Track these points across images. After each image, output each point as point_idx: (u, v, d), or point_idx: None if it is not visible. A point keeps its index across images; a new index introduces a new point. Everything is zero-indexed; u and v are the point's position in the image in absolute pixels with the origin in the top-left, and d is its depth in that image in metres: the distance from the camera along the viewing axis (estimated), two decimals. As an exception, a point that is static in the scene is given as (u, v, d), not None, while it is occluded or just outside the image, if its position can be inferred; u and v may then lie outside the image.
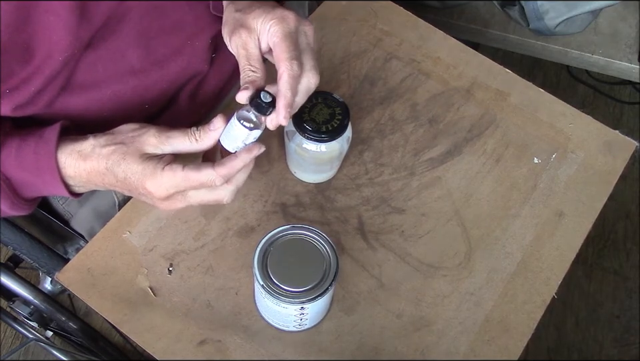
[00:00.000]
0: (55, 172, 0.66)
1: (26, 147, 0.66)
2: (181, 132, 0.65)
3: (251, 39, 0.66)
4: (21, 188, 0.68)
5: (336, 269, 0.65)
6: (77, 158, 0.66)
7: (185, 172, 0.63)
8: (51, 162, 0.66)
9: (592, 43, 1.36)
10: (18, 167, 0.66)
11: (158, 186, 0.64)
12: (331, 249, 0.66)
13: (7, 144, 0.66)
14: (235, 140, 0.65)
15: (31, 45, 0.62)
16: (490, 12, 1.39)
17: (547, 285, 0.76)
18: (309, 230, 0.66)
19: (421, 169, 0.83)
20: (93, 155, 0.66)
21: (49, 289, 1.20)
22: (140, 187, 0.65)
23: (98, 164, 0.66)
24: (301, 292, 0.64)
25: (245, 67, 0.66)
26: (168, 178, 0.63)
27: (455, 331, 0.73)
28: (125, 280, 0.74)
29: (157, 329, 0.72)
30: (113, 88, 0.72)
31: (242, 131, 0.64)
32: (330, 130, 0.72)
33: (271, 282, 0.64)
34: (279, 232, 0.66)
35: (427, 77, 0.89)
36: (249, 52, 0.66)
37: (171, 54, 0.75)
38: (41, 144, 0.66)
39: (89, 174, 0.67)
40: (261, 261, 0.65)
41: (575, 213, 0.81)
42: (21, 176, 0.67)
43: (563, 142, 0.86)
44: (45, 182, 0.67)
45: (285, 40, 0.65)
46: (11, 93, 0.65)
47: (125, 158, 0.64)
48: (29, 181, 0.67)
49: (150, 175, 0.64)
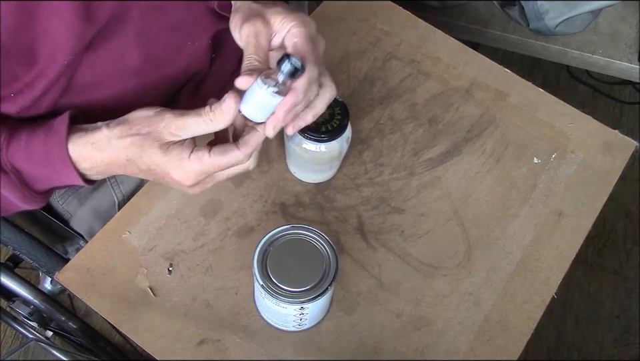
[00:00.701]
0: (66, 161, 0.65)
1: (35, 139, 0.65)
2: (196, 115, 0.63)
3: (264, 31, 0.66)
4: (32, 181, 0.67)
5: (335, 269, 0.65)
6: (91, 149, 0.65)
7: (212, 159, 0.63)
8: (62, 152, 0.65)
9: (592, 43, 1.36)
10: (28, 159, 0.65)
11: (186, 175, 0.64)
12: (331, 249, 0.66)
13: (15, 137, 0.65)
14: (257, 108, 0.63)
15: (34, 49, 0.62)
16: (490, 12, 1.39)
17: (546, 285, 0.76)
18: (309, 230, 0.67)
19: (421, 169, 0.83)
20: (110, 147, 0.65)
21: (49, 289, 1.20)
22: (166, 177, 0.65)
23: (117, 156, 0.65)
24: (300, 292, 0.64)
25: (252, 56, 0.65)
26: (196, 166, 0.63)
27: (455, 331, 0.73)
28: (124, 280, 0.74)
29: (157, 329, 0.72)
30: (113, 88, 0.72)
31: (263, 98, 0.62)
32: (329, 130, 0.72)
33: (270, 282, 0.64)
34: (279, 232, 0.66)
35: (426, 77, 0.89)
36: (258, 42, 0.65)
37: (171, 55, 0.75)
38: (50, 135, 0.65)
39: (107, 165, 0.66)
40: (261, 261, 0.65)
41: (574, 213, 0.81)
42: (31, 169, 0.66)
43: (563, 142, 0.86)
44: (56, 171, 0.66)
45: (307, 43, 0.64)
46: (15, 97, 0.65)
47: (144, 150, 0.64)
48: (40, 173, 0.67)
49: (176, 166, 0.63)
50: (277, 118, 0.63)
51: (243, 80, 0.62)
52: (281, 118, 0.63)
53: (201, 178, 0.65)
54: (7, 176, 0.65)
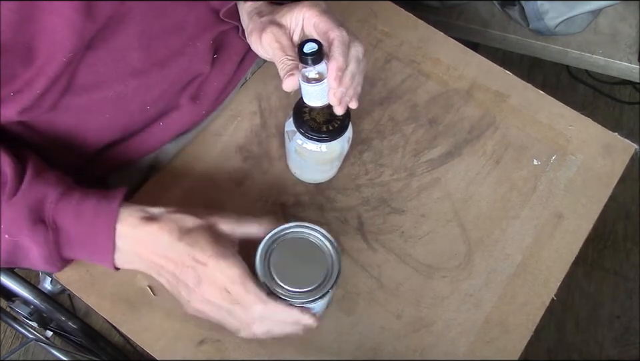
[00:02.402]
0: (111, 226, 0.64)
1: (87, 201, 0.65)
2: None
3: (282, 32, 0.70)
4: (65, 243, 0.65)
5: (338, 270, 0.64)
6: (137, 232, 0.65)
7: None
8: (110, 216, 0.65)
9: (592, 43, 1.36)
10: (74, 219, 0.64)
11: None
12: (334, 248, 0.65)
13: (67, 195, 0.65)
14: (312, 96, 0.68)
15: (32, 46, 0.62)
16: (490, 12, 1.39)
17: (546, 287, 0.76)
18: (313, 229, 0.66)
19: (421, 170, 0.83)
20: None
21: (49, 289, 1.20)
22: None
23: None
24: (302, 293, 0.63)
25: (282, 58, 0.69)
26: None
27: (454, 332, 0.73)
28: (124, 280, 0.74)
29: (156, 328, 0.72)
30: (114, 89, 0.72)
31: (310, 88, 0.67)
32: (330, 130, 0.71)
33: (272, 280, 0.63)
34: (283, 230, 0.66)
35: (426, 78, 0.89)
36: (282, 44, 0.69)
37: (172, 55, 0.75)
38: (103, 201, 0.65)
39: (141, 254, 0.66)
40: (264, 257, 0.64)
41: (574, 215, 0.81)
42: (72, 228, 0.64)
43: (563, 144, 0.86)
44: (95, 236, 0.65)
45: (324, 14, 0.68)
46: (15, 96, 0.65)
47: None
48: (79, 235, 0.65)
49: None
50: (333, 88, 0.67)
51: (289, 83, 0.67)
52: (336, 87, 0.66)
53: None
54: (45, 230, 0.64)
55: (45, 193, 0.64)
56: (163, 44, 0.74)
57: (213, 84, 0.83)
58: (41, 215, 0.63)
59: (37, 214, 0.63)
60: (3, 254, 0.65)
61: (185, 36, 0.76)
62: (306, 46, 0.65)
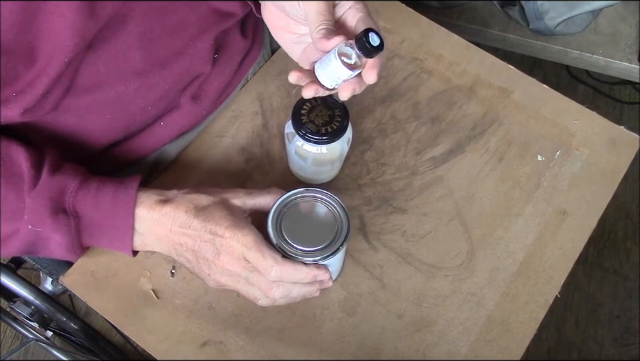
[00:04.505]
0: (130, 209, 0.67)
1: (104, 188, 0.67)
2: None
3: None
4: (86, 230, 0.67)
5: (348, 228, 0.67)
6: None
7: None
8: (128, 201, 0.67)
9: (592, 43, 1.36)
10: (93, 206, 0.66)
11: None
12: (342, 210, 0.67)
13: (85, 184, 0.67)
14: (332, 77, 0.64)
15: (34, 47, 0.62)
16: (490, 12, 1.39)
17: (549, 285, 0.76)
18: (320, 192, 0.68)
19: (423, 168, 0.83)
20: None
21: (50, 289, 1.20)
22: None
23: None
24: (314, 251, 0.65)
25: (326, 21, 0.64)
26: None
27: (456, 331, 0.73)
28: (127, 283, 0.74)
29: (160, 331, 0.72)
30: (115, 89, 0.72)
31: (340, 69, 0.63)
32: (330, 131, 0.71)
33: (285, 241, 0.65)
34: (293, 195, 0.68)
35: (429, 75, 0.89)
36: (329, 8, 0.65)
37: (173, 55, 0.75)
38: (121, 188, 0.67)
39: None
40: (275, 222, 0.66)
41: (578, 212, 0.80)
42: (93, 214, 0.67)
43: (567, 139, 0.85)
44: (115, 223, 0.67)
45: (371, 17, 0.66)
46: (18, 97, 0.65)
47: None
48: (99, 221, 0.67)
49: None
50: (360, 84, 0.65)
51: (309, 92, 0.65)
52: (366, 84, 0.65)
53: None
54: (66, 219, 0.66)
55: (66, 183, 0.66)
56: (164, 45, 0.74)
57: (213, 84, 0.83)
58: (62, 205, 0.65)
59: (58, 204, 0.65)
60: (23, 245, 0.67)
61: (186, 37, 0.76)
62: (371, 38, 0.60)
